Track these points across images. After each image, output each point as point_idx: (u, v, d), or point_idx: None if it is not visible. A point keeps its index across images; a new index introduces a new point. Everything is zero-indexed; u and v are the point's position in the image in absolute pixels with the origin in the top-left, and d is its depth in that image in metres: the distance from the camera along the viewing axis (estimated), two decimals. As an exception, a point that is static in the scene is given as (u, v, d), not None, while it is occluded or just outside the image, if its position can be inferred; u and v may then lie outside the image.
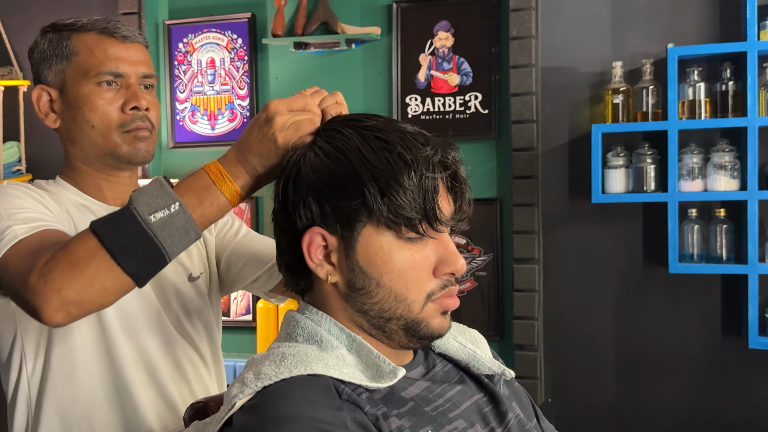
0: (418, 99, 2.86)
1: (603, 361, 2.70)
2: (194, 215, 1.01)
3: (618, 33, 2.64)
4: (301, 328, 0.96)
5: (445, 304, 0.94)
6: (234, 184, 1.02)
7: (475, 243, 2.82)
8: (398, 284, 0.92)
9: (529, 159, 2.69)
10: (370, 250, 0.91)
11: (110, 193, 1.33)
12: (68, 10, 3.15)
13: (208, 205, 1.02)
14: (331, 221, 0.92)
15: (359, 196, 0.90)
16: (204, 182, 1.02)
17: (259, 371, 0.88)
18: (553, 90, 2.71)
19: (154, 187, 1.01)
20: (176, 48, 3.10)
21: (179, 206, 0.99)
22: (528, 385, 2.71)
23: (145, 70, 1.31)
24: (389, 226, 0.90)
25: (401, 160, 0.90)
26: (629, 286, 2.66)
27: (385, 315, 0.93)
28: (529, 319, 2.72)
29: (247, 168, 1.02)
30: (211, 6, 3.06)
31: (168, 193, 1.00)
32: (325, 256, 0.94)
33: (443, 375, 1.03)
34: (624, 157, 2.57)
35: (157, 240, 0.98)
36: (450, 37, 2.83)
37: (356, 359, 0.93)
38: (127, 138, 1.28)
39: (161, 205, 0.99)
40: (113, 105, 1.27)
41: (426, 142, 0.93)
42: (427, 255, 0.93)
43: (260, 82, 3.02)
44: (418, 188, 0.90)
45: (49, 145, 3.19)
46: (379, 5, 2.89)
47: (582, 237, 2.70)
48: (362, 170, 0.90)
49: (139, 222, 0.98)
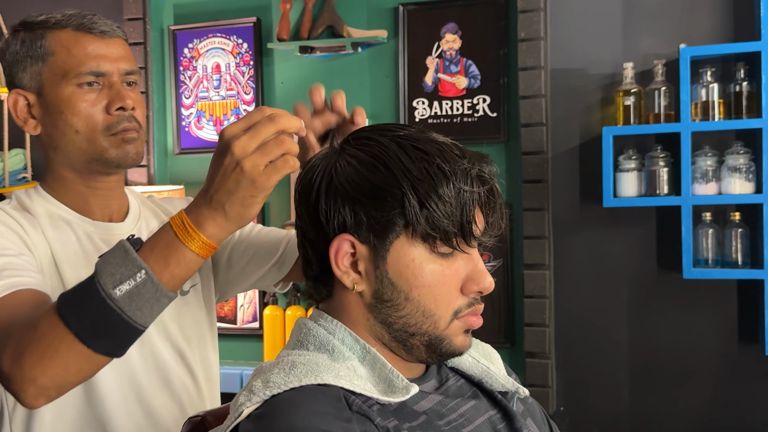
0: (425, 102, 2.82)
1: (616, 369, 2.64)
2: (163, 279, 0.93)
3: (629, 33, 2.59)
4: (313, 336, 0.93)
5: (470, 323, 0.93)
6: (199, 234, 0.93)
7: (484, 248, 2.76)
8: (427, 299, 0.90)
9: (539, 163, 2.64)
10: (401, 263, 0.89)
11: (96, 202, 1.25)
12: (73, 17, 3.14)
13: (174, 264, 0.93)
14: (364, 230, 0.89)
15: (397, 206, 0.88)
16: (168, 237, 0.94)
17: (268, 379, 0.86)
18: (563, 92, 2.66)
19: (117, 253, 0.94)
20: (181, 53, 3.07)
21: (145, 274, 0.91)
22: (539, 393, 2.66)
23: (127, 67, 1.22)
24: (424, 238, 0.88)
25: (440, 171, 0.88)
26: (642, 292, 2.60)
27: (410, 330, 0.91)
28: (540, 326, 2.66)
29: (213, 210, 0.93)
30: (216, 11, 3.03)
31: (132, 259, 0.92)
32: (351, 264, 0.91)
33: (456, 389, 1.00)
34: (636, 160, 2.52)
35: (126, 316, 0.92)
36: (457, 40, 2.79)
37: (368, 372, 0.90)
38: (114, 141, 1.20)
39: (126, 275, 0.91)
40: (97, 107, 1.19)
41: (462, 154, 0.91)
42: (456, 271, 0.91)
43: (266, 86, 2.99)
44: (456, 201, 0.88)
45: (54, 152, 3.18)
46: (386, 8, 2.85)
47: (594, 242, 2.65)
48: (402, 179, 0.87)
49: (103, 298, 0.91)
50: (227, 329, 3.03)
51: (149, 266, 0.92)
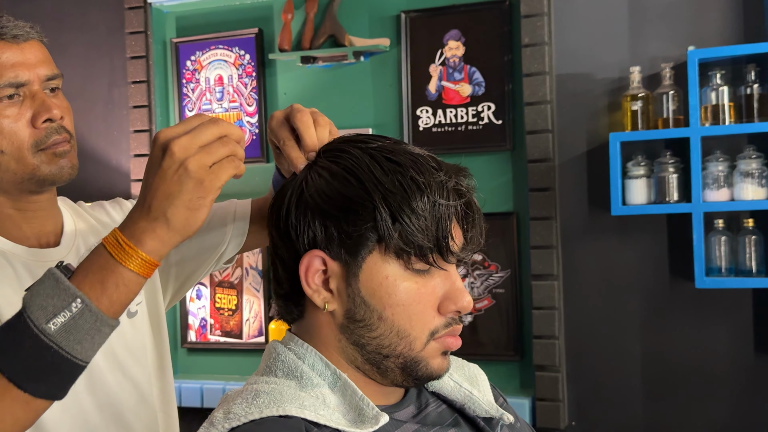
0: (429, 111, 2.77)
1: (629, 382, 2.56)
2: (101, 306, 0.83)
3: (636, 37, 2.52)
4: (282, 361, 0.88)
5: (448, 344, 0.88)
6: (137, 251, 0.84)
7: (491, 259, 2.70)
8: (401, 319, 0.85)
9: (545, 171, 2.58)
10: (374, 280, 0.85)
11: (29, 226, 1.13)
12: (76, 31, 3.14)
13: (113, 288, 0.84)
14: (335, 246, 0.85)
15: (369, 220, 0.84)
16: (102, 259, 0.84)
17: (229, 410, 0.81)
18: (569, 98, 2.59)
19: (47, 282, 0.84)
20: (184, 66, 3.05)
21: (81, 303, 0.82)
22: (550, 407, 2.59)
23: (48, 71, 1.11)
24: (398, 254, 0.84)
25: (414, 183, 0.84)
26: (654, 302, 2.53)
27: (383, 351, 0.86)
28: (550, 339, 2.59)
29: (153, 221, 0.84)
30: (218, 22, 3.01)
31: (65, 288, 0.83)
32: (323, 282, 0.87)
33: (436, 416, 0.95)
34: (645, 167, 2.44)
35: (65, 352, 0.82)
36: (461, 47, 2.74)
37: (339, 399, 0.85)
38: (45, 157, 1.08)
39: (59, 306, 0.82)
40: (20, 122, 1.07)
41: (438, 166, 0.87)
42: (433, 289, 0.86)
43: (269, 98, 2.96)
44: (431, 215, 0.84)
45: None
46: (388, 16, 2.81)
47: (603, 251, 2.58)
48: (374, 192, 0.84)
49: (36, 335, 0.82)
50: (233, 344, 2.99)
51: (84, 293, 0.83)
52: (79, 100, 3.15)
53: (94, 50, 3.13)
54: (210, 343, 3.04)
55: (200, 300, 3.06)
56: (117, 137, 3.11)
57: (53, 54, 3.49)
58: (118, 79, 3.10)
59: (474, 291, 2.72)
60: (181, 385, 2.99)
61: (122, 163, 3.10)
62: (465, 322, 2.72)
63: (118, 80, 3.10)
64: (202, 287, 3.05)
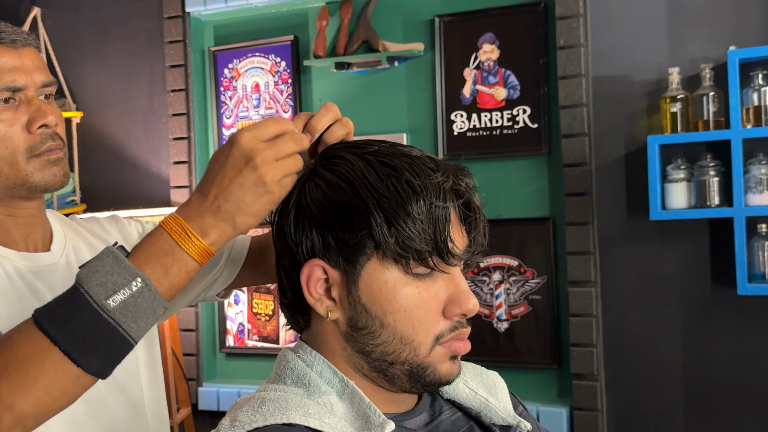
0: (463, 115, 2.74)
1: (670, 392, 2.49)
2: (161, 289, 0.86)
3: (674, 37, 2.46)
4: (291, 369, 0.88)
5: (455, 348, 0.86)
6: (202, 241, 0.87)
7: (527, 265, 2.66)
8: (404, 325, 0.83)
9: (581, 175, 2.53)
10: (373, 287, 0.84)
11: (18, 232, 1.13)
12: (117, 41, 3.20)
13: (175, 273, 0.87)
14: (333, 254, 0.84)
15: (365, 227, 0.82)
16: (167, 245, 0.87)
17: (235, 417, 0.81)
18: (606, 100, 2.54)
19: (106, 260, 0.85)
20: (222, 74, 3.08)
21: (142, 282, 0.84)
22: (588, 417, 2.53)
23: (44, 78, 1.11)
24: (396, 259, 0.82)
25: (409, 187, 0.82)
26: (695, 309, 2.45)
27: (388, 358, 0.85)
28: (587, 347, 2.54)
29: (221, 220, 0.87)
30: (255, 30, 3.03)
31: (126, 267, 0.85)
32: (325, 291, 0.86)
33: (450, 424, 0.93)
34: (685, 170, 2.38)
35: (122, 328, 0.84)
36: (495, 50, 2.70)
37: (347, 407, 0.84)
38: (38, 163, 1.08)
39: (119, 283, 0.84)
40: (15, 126, 1.07)
41: (436, 167, 0.85)
42: (436, 293, 0.85)
43: (304, 104, 2.97)
44: (427, 218, 0.82)
45: (103, 175, 3.24)
46: (422, 20, 2.80)
47: (642, 257, 2.51)
48: (368, 198, 0.82)
49: (95, 309, 0.83)
50: (270, 349, 3.01)
51: (146, 274, 0.85)
52: (120, 108, 3.21)
53: (134, 59, 3.19)
54: (247, 347, 3.06)
55: (238, 305, 3.09)
56: (157, 145, 3.16)
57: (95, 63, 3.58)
58: (158, 88, 3.15)
59: (510, 297, 2.68)
60: (219, 389, 3.03)
61: (162, 170, 3.14)
62: (500, 329, 2.69)
63: (157, 89, 3.15)
64: (240, 293, 3.08)
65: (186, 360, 3.06)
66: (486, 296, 2.71)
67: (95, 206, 3.17)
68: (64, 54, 3.24)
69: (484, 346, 2.70)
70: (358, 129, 0.95)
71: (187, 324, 3.06)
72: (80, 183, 3.24)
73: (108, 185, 3.23)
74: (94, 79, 3.25)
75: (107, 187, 3.23)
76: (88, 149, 3.24)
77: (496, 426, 0.96)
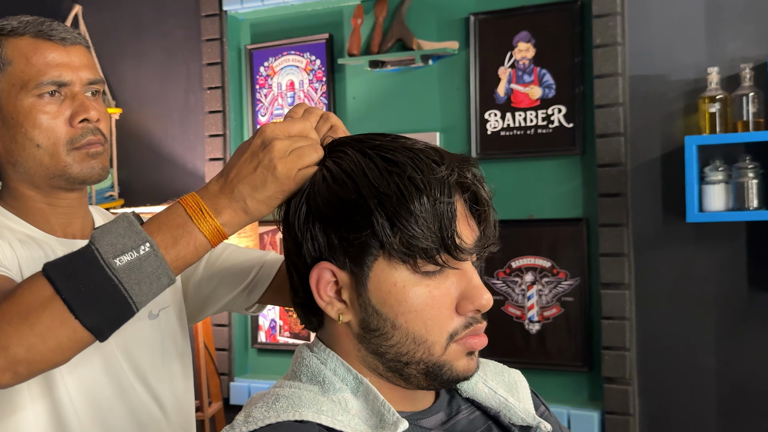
0: (497, 114, 2.72)
1: (704, 398, 2.44)
2: (167, 257, 0.88)
3: (713, 36, 2.41)
4: (306, 366, 0.87)
5: (471, 345, 0.84)
6: (215, 219, 0.89)
7: (560, 266, 2.63)
8: (416, 325, 0.82)
9: (616, 175, 2.49)
10: (382, 288, 0.82)
11: (57, 221, 1.17)
12: (154, 38, 3.24)
13: (183, 245, 0.89)
14: (339, 255, 0.83)
15: (368, 227, 0.80)
16: (180, 218, 0.89)
17: (249, 414, 0.81)
18: (643, 100, 2.50)
19: (120, 224, 0.88)
20: (257, 72, 3.11)
21: (150, 247, 0.86)
22: (620, 421, 2.50)
23: (91, 76, 1.15)
24: (403, 259, 0.81)
25: (412, 183, 0.80)
26: (732, 314, 2.40)
27: (402, 359, 0.83)
28: (620, 350, 2.50)
29: (234, 201, 0.89)
30: (290, 28, 3.05)
31: (137, 231, 0.87)
32: (336, 293, 0.85)
33: (467, 424, 0.92)
34: (723, 172, 2.33)
35: (123, 288, 0.86)
36: (531, 48, 2.68)
37: (362, 404, 0.84)
38: (78, 156, 1.13)
39: (128, 246, 0.86)
40: (59, 119, 1.12)
41: (440, 160, 0.83)
42: (447, 290, 0.83)
43: (338, 102, 2.98)
44: (432, 215, 0.80)
45: (140, 171, 3.29)
46: (456, 19, 2.78)
47: (678, 260, 2.46)
48: (369, 197, 0.80)
49: (101, 266, 0.85)
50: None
51: (156, 241, 0.87)
52: (157, 105, 3.26)
53: (171, 57, 3.23)
54: (279, 344, 3.08)
55: (270, 302, 3.10)
56: (193, 141, 3.19)
57: (133, 60, 3.62)
58: (194, 85, 3.18)
59: (542, 299, 2.65)
60: (250, 384, 3.05)
61: (198, 166, 3.18)
62: (532, 331, 2.66)
63: (194, 86, 3.19)
64: (272, 289, 3.10)
65: (218, 355, 3.09)
66: (518, 297, 2.68)
67: (132, 201, 3.21)
68: (104, 51, 3.30)
69: (515, 347, 2.68)
70: (390, 127, 0.94)
71: (219, 319, 3.09)
72: (118, 178, 3.29)
73: (145, 181, 3.27)
74: (133, 77, 3.30)
75: (144, 182, 3.28)
76: (126, 145, 3.29)
77: (515, 426, 0.94)
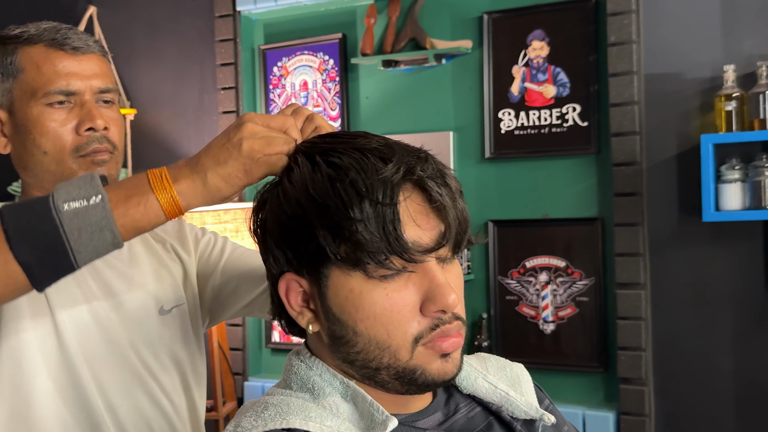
0: (511, 113, 2.71)
1: (720, 399, 2.41)
2: (115, 213, 0.88)
3: (729, 33, 2.38)
4: (295, 373, 0.86)
5: (440, 348, 0.80)
6: (172, 187, 0.90)
7: (575, 266, 2.61)
8: (376, 331, 0.79)
9: (631, 175, 2.47)
10: (339, 295, 0.80)
11: None
12: (169, 39, 3.25)
13: (134, 204, 0.89)
14: (298, 266, 0.82)
15: (313, 239, 0.78)
16: (139, 182, 0.91)
17: (239, 423, 0.80)
18: (658, 98, 2.48)
19: (83, 179, 0.91)
20: (271, 72, 3.11)
21: (100, 200, 0.88)
22: (635, 422, 2.48)
23: (102, 84, 1.16)
24: (353, 267, 0.78)
25: (353, 188, 0.77)
26: (749, 314, 2.37)
27: (371, 365, 0.81)
28: (636, 350, 2.48)
29: (195, 173, 0.90)
30: (304, 29, 3.05)
31: (94, 186, 0.89)
32: (305, 302, 0.84)
33: (466, 422, 0.90)
34: (740, 171, 2.30)
35: (63, 230, 0.87)
36: (545, 47, 2.66)
37: (352, 408, 0.82)
38: (83, 163, 1.13)
39: (81, 195, 0.88)
40: (66, 127, 1.13)
41: (390, 157, 0.79)
42: (408, 293, 0.79)
43: (351, 102, 2.98)
44: (374, 219, 0.76)
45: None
46: (470, 17, 2.77)
47: (694, 259, 2.44)
48: (309, 210, 0.78)
49: (49, 207, 0.87)
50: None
51: (108, 196, 0.89)
52: (171, 105, 3.27)
53: (186, 58, 3.23)
54: (293, 344, 3.08)
55: (284, 302, 3.11)
56: (207, 142, 3.19)
57: (148, 61, 3.62)
58: (208, 86, 3.19)
59: (557, 299, 2.64)
60: (264, 384, 3.05)
61: (212, 166, 3.18)
62: (546, 331, 2.64)
63: (208, 87, 3.19)
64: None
65: (232, 354, 3.09)
66: (532, 297, 2.67)
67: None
68: (119, 52, 3.31)
69: (530, 347, 2.66)
70: (404, 127, 0.93)
71: (233, 319, 3.10)
72: (133, 179, 3.30)
73: (160, 181, 3.28)
74: (147, 77, 3.31)
75: (159, 183, 3.28)
76: (141, 145, 3.30)
77: (517, 420, 0.92)
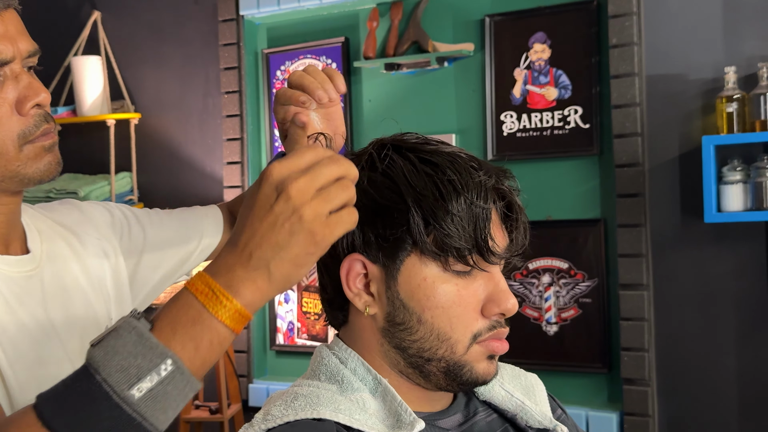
0: (513, 116, 2.72)
1: (724, 400, 2.42)
2: (193, 369, 0.69)
3: (730, 35, 2.39)
4: (325, 365, 0.89)
5: (492, 348, 0.86)
6: (232, 300, 0.69)
7: (578, 267, 2.62)
8: (441, 321, 0.84)
9: (634, 176, 2.48)
10: (412, 282, 0.84)
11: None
12: (173, 44, 3.27)
13: (207, 347, 0.69)
14: (373, 249, 0.85)
15: (404, 224, 0.83)
16: (193, 310, 0.69)
17: (268, 411, 0.83)
18: (660, 100, 2.48)
19: (127, 338, 0.68)
20: (274, 76, 3.13)
21: (173, 365, 0.67)
22: (639, 423, 2.48)
23: (29, 46, 0.92)
24: (435, 256, 0.83)
25: (450, 185, 0.83)
26: (751, 315, 2.38)
27: (425, 355, 0.85)
28: (639, 351, 2.49)
29: (253, 270, 0.70)
30: (307, 32, 3.06)
31: (151, 346, 0.67)
32: (364, 286, 0.87)
33: (484, 426, 0.93)
34: (741, 172, 2.31)
35: (148, 423, 0.67)
36: (546, 49, 2.67)
37: (380, 404, 0.85)
38: (32, 151, 0.92)
39: (145, 368, 0.66)
40: (3, 107, 0.89)
41: (479, 166, 0.86)
42: (475, 291, 0.85)
43: (354, 105, 2.99)
44: (468, 216, 0.83)
45: (159, 175, 3.32)
46: (472, 20, 2.78)
47: (696, 260, 2.45)
48: (407, 195, 0.83)
49: (116, 404, 0.65)
50: (319, 348, 3.03)
51: (176, 353, 0.68)
52: (176, 110, 3.29)
53: (190, 62, 3.25)
54: (297, 346, 3.10)
55: (288, 304, 3.12)
56: (211, 145, 3.22)
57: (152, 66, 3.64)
58: (212, 90, 3.21)
59: (559, 300, 2.65)
60: (269, 386, 3.07)
61: (216, 170, 3.20)
62: (549, 333, 2.65)
63: (212, 91, 3.21)
64: (291, 292, 3.11)
65: (237, 357, 3.11)
66: (535, 299, 2.68)
67: (152, 205, 3.21)
68: (123, 57, 3.33)
69: (533, 349, 2.67)
70: (407, 130, 0.94)
71: (238, 322, 3.11)
72: (138, 182, 3.32)
73: (164, 185, 3.31)
74: (152, 82, 3.33)
75: (163, 186, 3.31)
76: (145, 150, 3.32)
77: (532, 429, 0.95)
